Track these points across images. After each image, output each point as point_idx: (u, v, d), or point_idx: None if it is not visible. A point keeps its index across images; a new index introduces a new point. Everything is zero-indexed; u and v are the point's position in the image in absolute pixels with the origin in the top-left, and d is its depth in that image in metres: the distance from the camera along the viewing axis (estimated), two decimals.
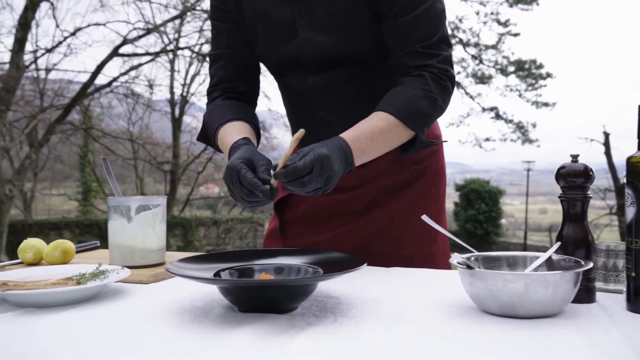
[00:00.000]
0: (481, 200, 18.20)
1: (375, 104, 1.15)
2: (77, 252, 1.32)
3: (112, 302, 0.94)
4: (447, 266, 1.37)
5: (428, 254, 1.31)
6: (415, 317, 0.83)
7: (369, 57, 1.22)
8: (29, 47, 11.50)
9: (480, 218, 18.03)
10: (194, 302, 0.92)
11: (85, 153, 16.23)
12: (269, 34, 1.24)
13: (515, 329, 0.76)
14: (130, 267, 1.13)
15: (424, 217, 0.97)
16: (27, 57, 11.92)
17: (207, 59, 1.35)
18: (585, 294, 0.90)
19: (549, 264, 0.92)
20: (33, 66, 12.44)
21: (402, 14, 1.14)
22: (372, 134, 1.08)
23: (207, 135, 1.30)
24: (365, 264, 0.87)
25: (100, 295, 0.99)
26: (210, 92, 1.33)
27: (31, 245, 1.20)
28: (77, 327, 0.79)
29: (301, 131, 0.93)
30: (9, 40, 13.36)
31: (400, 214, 1.30)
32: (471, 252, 0.95)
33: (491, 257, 0.95)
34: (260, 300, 0.82)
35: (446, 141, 1.34)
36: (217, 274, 0.90)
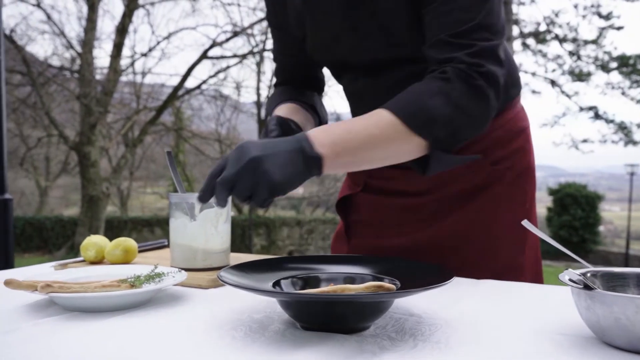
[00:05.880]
0: (577, 206, 17.07)
1: None
2: (141, 251, 1.26)
3: (164, 308, 0.85)
4: (537, 280, 1.18)
5: (513, 267, 1.13)
6: (515, 346, 0.67)
7: (423, 58, 1.04)
8: (127, 52, 12.17)
9: (576, 224, 16.91)
10: (253, 314, 0.80)
11: (177, 153, 16.91)
12: (312, 37, 1.12)
13: None
14: (191, 270, 1.05)
15: (525, 222, 0.81)
16: (125, 62, 12.60)
17: None
18: None
19: None
20: (130, 70, 13.13)
21: None
22: (356, 132, 0.87)
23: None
24: (453, 278, 0.72)
25: (154, 300, 0.90)
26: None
27: (93, 242, 1.14)
28: (118, 336, 0.70)
29: None
30: (109, 46, 14.16)
31: (478, 222, 1.12)
32: (585, 266, 0.77)
33: (613, 274, 0.76)
34: (326, 317, 0.69)
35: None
36: (277, 283, 0.78)
